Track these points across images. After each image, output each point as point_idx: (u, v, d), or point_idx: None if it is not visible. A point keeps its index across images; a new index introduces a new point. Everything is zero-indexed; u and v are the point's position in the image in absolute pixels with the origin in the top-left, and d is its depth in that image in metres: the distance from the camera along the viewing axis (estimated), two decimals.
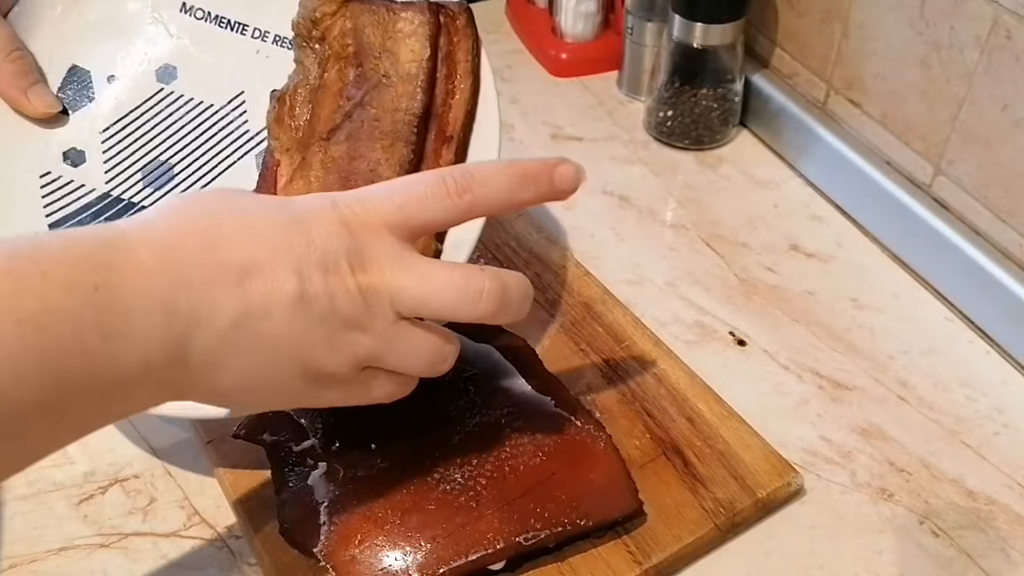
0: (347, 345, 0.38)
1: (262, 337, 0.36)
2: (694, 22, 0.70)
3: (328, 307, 0.37)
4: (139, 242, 0.34)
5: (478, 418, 0.49)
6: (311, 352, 0.37)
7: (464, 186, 0.39)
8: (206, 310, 0.34)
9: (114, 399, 0.34)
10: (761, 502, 0.49)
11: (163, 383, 0.35)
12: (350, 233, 0.37)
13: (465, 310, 0.39)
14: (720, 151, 0.76)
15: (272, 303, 0.35)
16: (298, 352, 0.37)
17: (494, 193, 0.40)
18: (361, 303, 0.37)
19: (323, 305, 0.36)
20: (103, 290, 0.32)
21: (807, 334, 0.60)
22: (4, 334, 0.30)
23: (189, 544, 0.49)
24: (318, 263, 0.36)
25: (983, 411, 0.55)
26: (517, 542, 0.44)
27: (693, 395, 0.54)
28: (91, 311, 0.32)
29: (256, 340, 0.36)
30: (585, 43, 0.85)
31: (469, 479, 0.47)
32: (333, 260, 0.37)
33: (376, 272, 0.38)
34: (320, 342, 0.37)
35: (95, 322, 0.32)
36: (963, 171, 0.60)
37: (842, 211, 0.70)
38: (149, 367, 0.33)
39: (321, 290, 0.36)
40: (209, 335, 0.35)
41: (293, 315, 0.36)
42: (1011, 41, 0.54)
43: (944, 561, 0.48)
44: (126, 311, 0.33)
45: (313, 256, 0.36)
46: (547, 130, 0.79)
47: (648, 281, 0.64)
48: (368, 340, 0.38)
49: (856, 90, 0.68)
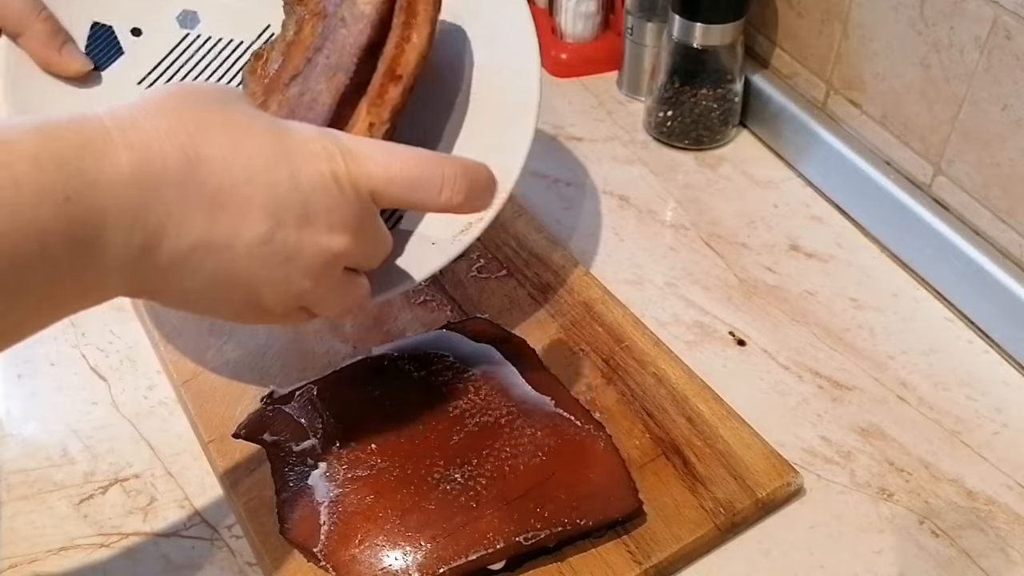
0: (294, 288, 0.38)
1: (217, 264, 0.36)
2: (694, 22, 0.70)
3: (291, 256, 0.37)
4: (119, 146, 0.33)
5: (478, 418, 0.49)
6: (258, 286, 0.38)
7: (458, 191, 0.40)
8: (172, 227, 0.34)
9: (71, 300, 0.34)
10: (761, 502, 0.49)
11: (118, 286, 0.35)
12: (339, 189, 0.37)
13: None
14: (720, 151, 0.76)
15: (236, 239, 0.36)
16: (245, 283, 0.37)
17: (482, 205, 0.42)
18: (323, 262, 0.38)
19: (287, 254, 0.37)
20: (74, 200, 0.32)
21: (807, 334, 0.60)
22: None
23: (189, 544, 0.49)
24: (298, 210, 0.36)
25: (983, 411, 0.55)
26: (517, 542, 0.44)
27: (693, 395, 0.54)
28: (60, 221, 0.31)
29: (210, 265, 0.36)
30: (585, 43, 0.86)
31: (469, 479, 0.47)
32: (313, 212, 0.37)
33: (349, 236, 0.38)
34: (271, 281, 0.38)
35: (63, 232, 0.31)
36: (963, 171, 0.60)
37: (842, 211, 0.70)
38: (106, 271, 0.34)
39: (292, 240, 0.36)
40: (168, 250, 0.35)
41: (253, 255, 0.36)
42: (1011, 41, 0.54)
43: (944, 561, 0.48)
44: (95, 222, 0.32)
45: (294, 200, 0.36)
46: (547, 130, 0.79)
47: (648, 281, 0.64)
48: (312, 288, 0.39)
49: (856, 90, 0.68)
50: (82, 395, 0.56)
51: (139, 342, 0.59)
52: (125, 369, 0.58)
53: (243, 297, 0.38)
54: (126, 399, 0.56)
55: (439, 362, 0.53)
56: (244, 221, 0.35)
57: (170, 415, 0.55)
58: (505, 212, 0.67)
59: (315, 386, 0.52)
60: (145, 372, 0.57)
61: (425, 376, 0.52)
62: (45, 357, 0.58)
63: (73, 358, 0.58)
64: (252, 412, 0.52)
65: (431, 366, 0.53)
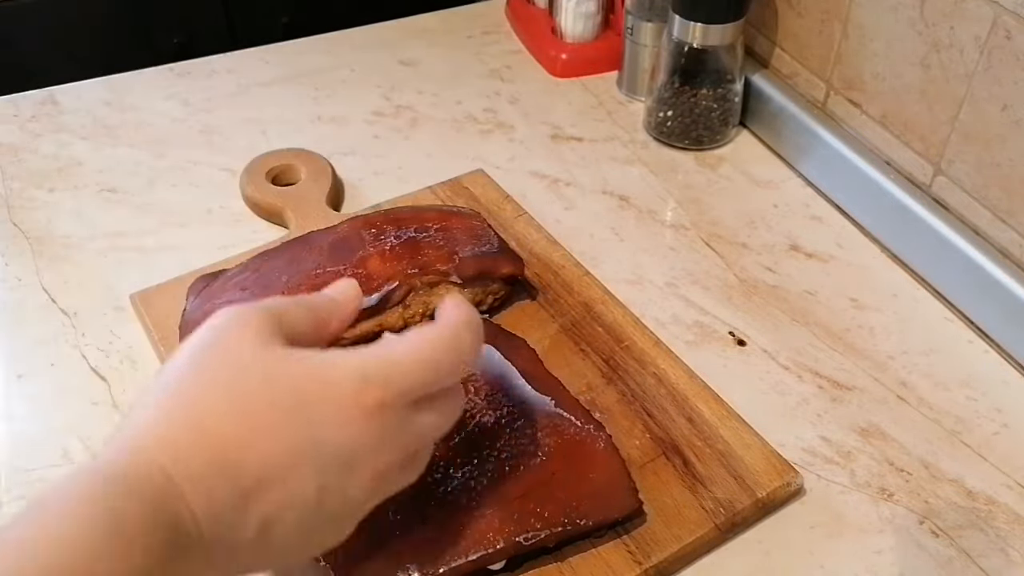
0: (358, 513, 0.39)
1: (283, 534, 0.35)
2: (694, 22, 0.70)
3: (342, 501, 0.37)
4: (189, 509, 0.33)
5: (478, 418, 0.49)
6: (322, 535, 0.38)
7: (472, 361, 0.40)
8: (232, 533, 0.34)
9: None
10: (761, 502, 0.49)
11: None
12: (374, 424, 0.36)
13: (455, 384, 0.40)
14: (720, 151, 0.76)
15: (288, 510, 0.35)
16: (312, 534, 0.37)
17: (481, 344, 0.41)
18: (375, 484, 0.37)
19: (337, 502, 0.36)
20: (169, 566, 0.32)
21: (807, 334, 0.60)
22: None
23: None
24: (337, 463, 0.36)
25: (983, 411, 0.55)
26: (517, 542, 0.44)
27: (693, 395, 0.54)
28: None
29: (279, 536, 0.35)
30: (585, 43, 0.86)
31: (469, 479, 0.47)
32: (351, 459, 0.36)
33: (396, 452, 0.37)
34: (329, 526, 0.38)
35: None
36: (963, 171, 0.60)
37: (842, 211, 0.70)
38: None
39: (336, 491, 0.36)
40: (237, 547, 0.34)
41: (309, 516, 0.36)
42: (1011, 41, 0.54)
43: (944, 561, 0.48)
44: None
45: (327, 453, 0.35)
46: (547, 130, 0.79)
47: (648, 281, 0.64)
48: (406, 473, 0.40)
49: (856, 90, 0.68)
50: (82, 395, 0.56)
51: (139, 342, 0.59)
52: (125, 369, 0.58)
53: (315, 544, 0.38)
54: (126, 399, 0.56)
55: None
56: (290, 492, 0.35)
57: None
58: (505, 212, 0.67)
59: None
60: (145, 372, 0.57)
61: None
62: (45, 357, 0.58)
63: (73, 358, 0.58)
64: None
65: None
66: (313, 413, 0.35)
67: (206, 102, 0.82)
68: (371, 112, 0.81)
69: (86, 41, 1.31)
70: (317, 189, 0.68)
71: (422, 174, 0.73)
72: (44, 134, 0.78)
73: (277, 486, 0.34)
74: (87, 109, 0.81)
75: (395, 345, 0.38)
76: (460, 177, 0.70)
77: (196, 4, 1.34)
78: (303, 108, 0.82)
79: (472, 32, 0.93)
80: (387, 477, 0.38)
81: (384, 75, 0.86)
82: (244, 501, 0.34)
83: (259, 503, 0.34)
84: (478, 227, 0.61)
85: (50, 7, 1.27)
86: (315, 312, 0.40)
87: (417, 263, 0.57)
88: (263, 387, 0.35)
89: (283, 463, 0.34)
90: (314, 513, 0.36)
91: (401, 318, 0.57)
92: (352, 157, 0.76)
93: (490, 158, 0.76)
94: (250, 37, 0.97)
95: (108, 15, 1.32)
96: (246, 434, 0.34)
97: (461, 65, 0.88)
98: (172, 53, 0.99)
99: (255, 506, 0.34)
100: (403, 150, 0.77)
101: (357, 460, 0.36)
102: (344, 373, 0.36)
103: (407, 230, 0.59)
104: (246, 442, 0.34)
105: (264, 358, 0.36)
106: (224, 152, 0.76)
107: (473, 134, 0.79)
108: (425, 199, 0.68)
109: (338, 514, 0.37)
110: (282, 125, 0.79)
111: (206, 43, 1.07)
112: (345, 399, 0.35)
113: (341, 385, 0.36)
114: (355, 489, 0.36)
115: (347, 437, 0.35)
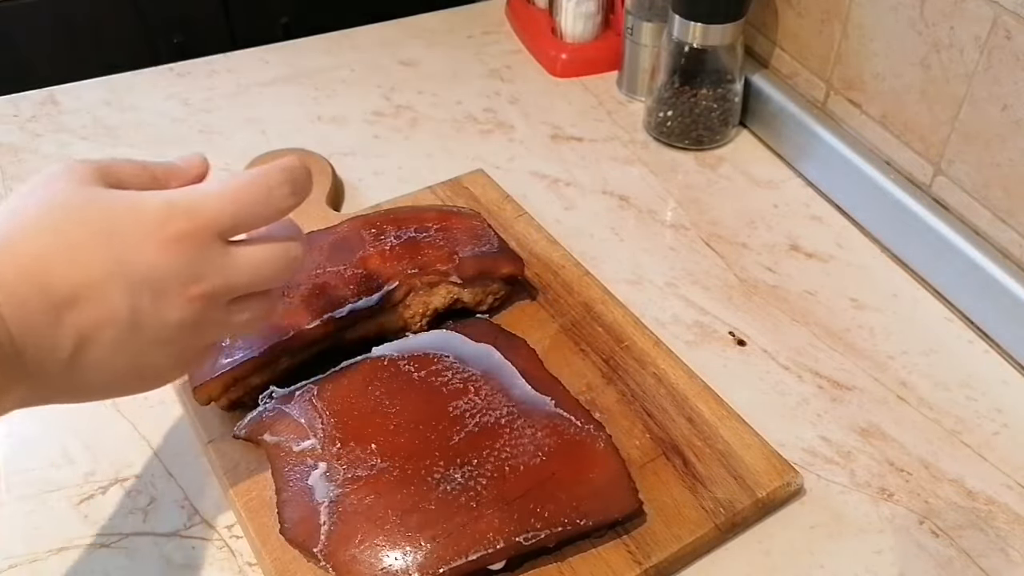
0: (185, 343, 0.40)
1: (100, 356, 0.37)
2: (694, 22, 0.70)
3: (159, 325, 0.38)
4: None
5: (478, 418, 0.49)
6: (147, 358, 0.39)
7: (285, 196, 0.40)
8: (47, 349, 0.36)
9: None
10: (761, 502, 0.49)
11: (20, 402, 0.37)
12: (181, 251, 0.38)
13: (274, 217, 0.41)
14: (720, 151, 0.76)
15: (102, 328, 0.37)
16: (136, 358, 0.39)
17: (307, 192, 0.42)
18: (191, 310, 0.39)
19: (154, 326, 0.38)
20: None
21: (807, 334, 0.60)
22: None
23: (189, 544, 0.49)
24: (146, 285, 0.37)
25: (983, 411, 0.55)
26: (517, 542, 0.44)
27: (693, 395, 0.54)
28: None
29: (96, 358, 0.37)
30: (585, 43, 0.86)
31: (469, 479, 0.47)
32: (161, 283, 0.38)
33: (206, 282, 0.39)
34: (152, 350, 0.39)
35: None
36: (963, 171, 0.60)
37: (842, 211, 0.70)
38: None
39: (150, 314, 0.38)
40: (54, 366, 0.36)
41: (126, 338, 0.37)
42: (1011, 41, 0.54)
43: (944, 561, 0.48)
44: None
45: (136, 273, 0.37)
46: (547, 130, 0.79)
47: (648, 281, 0.64)
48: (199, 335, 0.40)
49: (856, 90, 0.68)
50: None
51: None
52: None
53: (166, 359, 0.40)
54: (126, 399, 0.56)
55: (439, 362, 0.53)
56: (104, 310, 0.37)
57: (170, 415, 0.55)
58: (505, 213, 0.67)
59: (315, 386, 0.52)
60: None
61: (425, 376, 0.52)
62: None
63: None
64: (252, 412, 0.52)
65: (431, 366, 0.53)
66: (122, 237, 0.37)
67: (206, 102, 0.82)
68: (371, 112, 0.81)
69: (86, 41, 1.30)
70: (317, 189, 0.68)
71: (422, 174, 0.73)
72: (44, 134, 0.78)
73: (90, 303, 0.36)
74: (87, 109, 0.81)
75: (206, 184, 0.40)
76: (460, 177, 0.71)
77: (196, 4, 1.34)
78: (303, 108, 0.82)
79: (472, 32, 0.93)
80: (203, 308, 0.39)
81: (384, 75, 0.86)
82: (57, 314, 0.36)
83: (72, 317, 0.36)
84: (478, 227, 0.61)
85: (50, 7, 1.27)
86: (149, 171, 0.42)
87: (417, 263, 0.57)
88: (76, 212, 0.37)
89: (94, 280, 0.36)
90: (130, 333, 0.37)
91: (401, 318, 0.57)
92: (352, 157, 0.76)
93: (490, 158, 0.76)
94: (250, 37, 0.97)
95: (108, 15, 1.32)
96: (58, 251, 0.36)
97: (461, 65, 0.88)
98: (172, 53, 0.99)
99: (69, 319, 0.36)
100: (403, 150, 0.77)
101: (166, 285, 0.38)
102: (153, 204, 0.38)
103: (407, 230, 0.59)
104: (58, 257, 0.36)
105: (80, 191, 0.38)
106: (224, 152, 0.76)
107: (473, 134, 0.79)
108: (425, 199, 0.68)
109: (160, 338, 0.38)
110: (282, 125, 0.79)
111: (206, 43, 1.07)
112: (151, 225, 0.37)
113: (148, 213, 0.37)
114: (170, 312, 0.38)
115: (154, 261, 0.37)
